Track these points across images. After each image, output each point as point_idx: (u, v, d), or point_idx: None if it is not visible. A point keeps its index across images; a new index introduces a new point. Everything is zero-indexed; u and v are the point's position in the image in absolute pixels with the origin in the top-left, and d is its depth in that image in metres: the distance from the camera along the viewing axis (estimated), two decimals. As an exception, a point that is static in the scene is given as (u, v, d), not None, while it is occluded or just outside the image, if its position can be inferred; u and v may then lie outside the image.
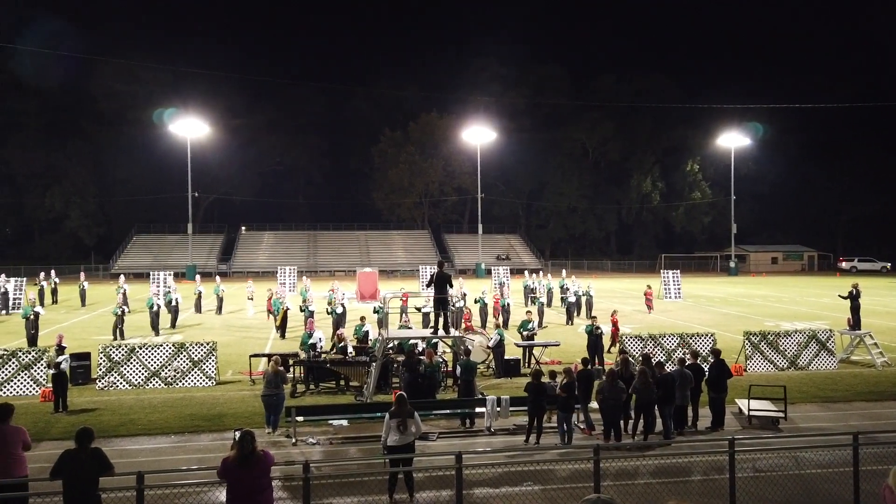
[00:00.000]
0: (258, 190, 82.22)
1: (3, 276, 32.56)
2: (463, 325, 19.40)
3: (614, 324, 21.05)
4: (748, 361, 17.90)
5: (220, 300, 30.60)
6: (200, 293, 30.98)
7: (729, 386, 13.26)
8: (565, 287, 30.14)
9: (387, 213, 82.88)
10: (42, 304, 31.25)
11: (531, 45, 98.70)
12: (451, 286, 15.23)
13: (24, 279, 34.28)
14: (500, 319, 24.70)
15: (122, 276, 32.04)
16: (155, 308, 24.53)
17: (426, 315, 22.41)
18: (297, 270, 46.02)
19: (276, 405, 12.46)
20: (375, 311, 21.54)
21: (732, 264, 67.23)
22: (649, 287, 32.63)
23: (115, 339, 21.92)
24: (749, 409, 13.17)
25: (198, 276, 34.91)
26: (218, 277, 37.23)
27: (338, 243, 75.83)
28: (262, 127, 79.22)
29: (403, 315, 21.84)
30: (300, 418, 12.34)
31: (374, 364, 15.07)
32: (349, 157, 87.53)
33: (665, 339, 17.73)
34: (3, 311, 30.78)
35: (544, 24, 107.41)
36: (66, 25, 78.89)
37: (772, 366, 17.94)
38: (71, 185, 71.79)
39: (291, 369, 16.07)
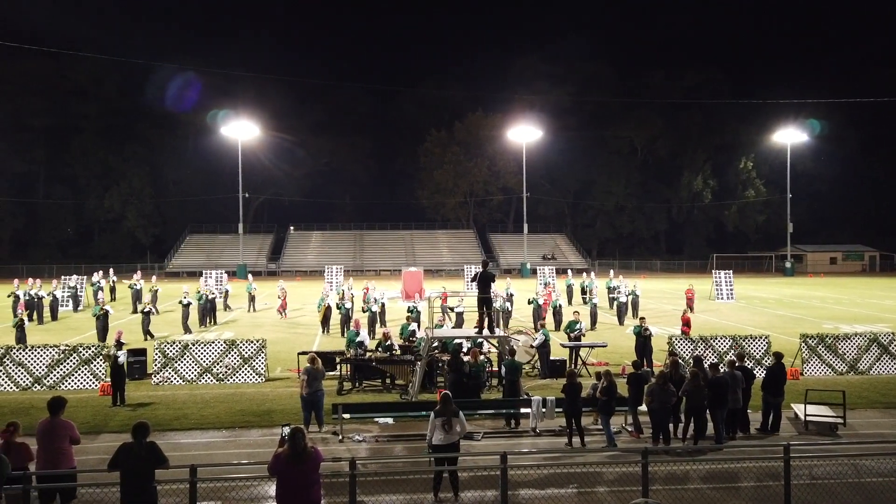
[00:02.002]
0: (306, 190, 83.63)
1: (74, 277, 33.77)
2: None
3: (686, 322, 20.65)
4: (804, 365, 17.30)
5: (252, 298, 31.28)
6: (227, 292, 31.89)
7: (784, 390, 12.84)
8: (614, 287, 29.69)
9: (432, 212, 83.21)
10: (96, 302, 32.51)
11: (577, 42, 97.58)
12: (494, 281, 15.16)
13: (85, 278, 35.67)
14: (547, 320, 24.44)
15: (153, 277, 32.88)
16: (198, 302, 25.31)
17: (459, 315, 22.44)
18: (344, 270, 46.61)
19: (317, 402, 12.61)
20: (409, 311, 21.67)
21: (788, 264, 65.10)
22: (691, 287, 31.86)
23: (146, 338, 22.10)
24: (805, 415, 12.73)
25: (224, 276, 35.86)
26: (250, 276, 38.05)
27: (384, 243, 76.49)
28: (310, 128, 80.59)
29: (443, 315, 21.81)
30: (347, 415, 12.48)
31: (419, 363, 15.14)
32: (395, 157, 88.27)
33: (717, 341, 17.29)
34: (73, 309, 31.91)
35: (590, 20, 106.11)
36: (123, 32, 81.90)
37: (830, 370, 17.29)
38: (128, 186, 74.41)
39: (338, 367, 16.30)
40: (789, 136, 65.02)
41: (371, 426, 12.97)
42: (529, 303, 25.82)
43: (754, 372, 13.72)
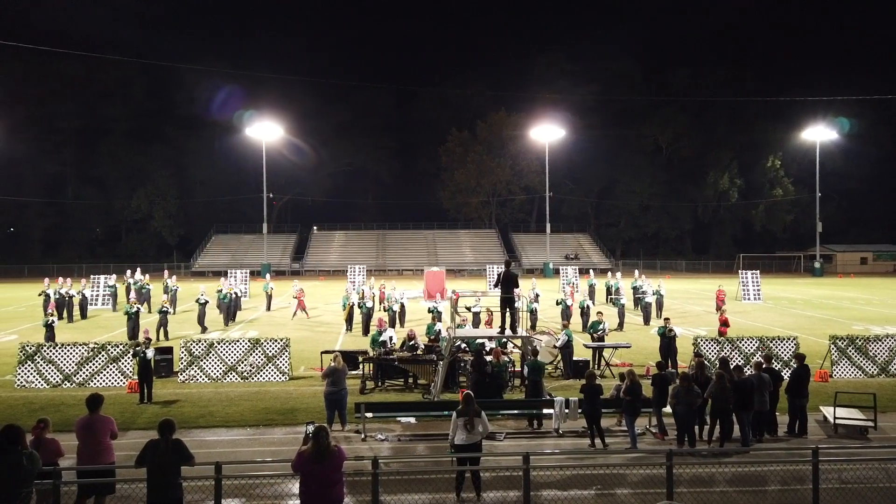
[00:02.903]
0: (329, 191, 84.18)
1: (113, 276, 33.93)
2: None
3: (724, 323, 20.41)
4: (834, 367, 16.97)
5: (269, 297, 31.54)
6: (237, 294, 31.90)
7: (813, 392, 12.63)
8: (638, 287, 29.39)
9: (454, 212, 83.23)
10: (127, 301, 33.03)
11: (601, 41, 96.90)
12: (518, 286, 15.10)
13: (112, 276, 36.28)
14: (575, 320, 24.29)
15: (173, 277, 33.17)
16: (223, 301, 25.59)
17: (476, 314, 22.39)
18: (367, 269, 46.82)
19: (340, 401, 12.68)
20: (430, 311, 21.69)
21: (817, 265, 63.94)
22: (721, 287, 31.41)
23: (158, 339, 22.04)
24: (835, 417, 12.49)
25: (247, 275, 36.09)
26: (267, 276, 38.35)
27: (406, 243, 76.69)
28: (333, 129, 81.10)
29: (456, 315, 21.82)
30: (369, 414, 12.54)
31: (441, 362, 15.14)
32: (417, 157, 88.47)
33: (743, 342, 17.04)
34: (112, 308, 32.32)
35: (614, 18, 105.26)
36: (150, 35, 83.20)
37: (860, 372, 16.94)
38: (155, 187, 75.58)
39: (361, 366, 16.38)
40: (818, 134, 63.82)
41: (394, 425, 13.00)
42: (558, 304, 25.66)
43: (782, 374, 13.50)
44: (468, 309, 22.22)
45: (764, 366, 12.57)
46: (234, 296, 27.37)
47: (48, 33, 75.04)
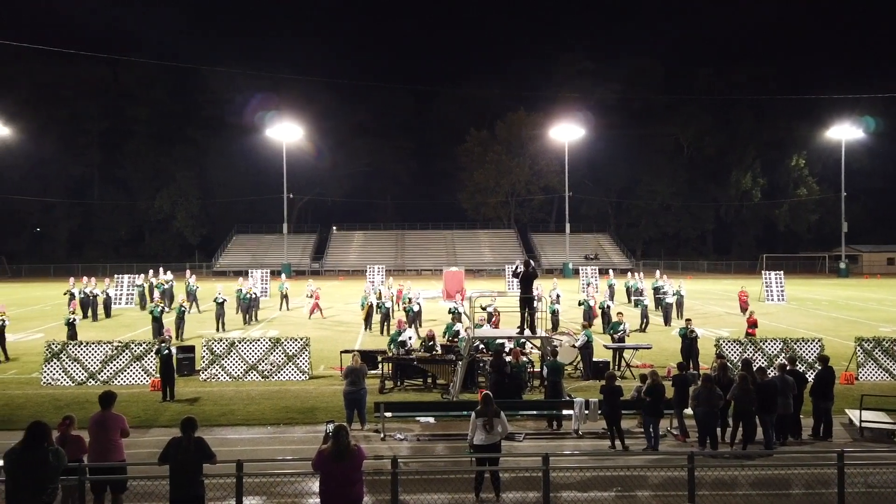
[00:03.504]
0: (349, 191, 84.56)
1: (141, 275, 34.14)
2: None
3: (752, 324, 20.17)
4: (860, 369, 16.67)
5: (285, 297, 31.72)
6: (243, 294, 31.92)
7: (838, 395, 12.43)
8: (659, 287, 29.11)
9: (472, 212, 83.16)
10: (151, 300, 33.45)
11: (621, 39, 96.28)
12: (538, 277, 15.04)
13: (136, 275, 36.76)
14: (597, 321, 24.13)
15: (194, 276, 33.43)
16: (242, 300, 25.80)
17: (490, 314, 22.32)
18: (386, 269, 46.95)
19: (359, 400, 12.72)
20: (451, 312, 21.64)
21: (842, 265, 62.87)
22: (744, 289, 31.00)
23: (178, 338, 22.09)
24: (861, 421, 12.28)
25: (268, 275, 36.28)
26: (283, 276, 38.58)
27: (425, 243, 76.79)
28: (352, 129, 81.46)
29: (462, 315, 21.90)
30: (388, 414, 12.57)
31: (460, 362, 15.14)
32: (436, 157, 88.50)
33: (767, 343, 16.81)
34: (141, 308, 32.64)
35: (635, 16, 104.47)
36: (172, 38, 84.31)
37: (887, 375, 16.62)
38: (177, 188, 76.50)
39: (380, 366, 16.43)
40: (844, 133, 62.74)
41: (413, 425, 13.03)
42: (580, 304, 25.50)
43: (806, 376, 13.31)
44: (483, 308, 22.15)
45: (788, 368, 12.40)
46: (253, 296, 27.57)
47: (74, 36, 76.35)
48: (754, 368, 12.27)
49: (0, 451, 7.19)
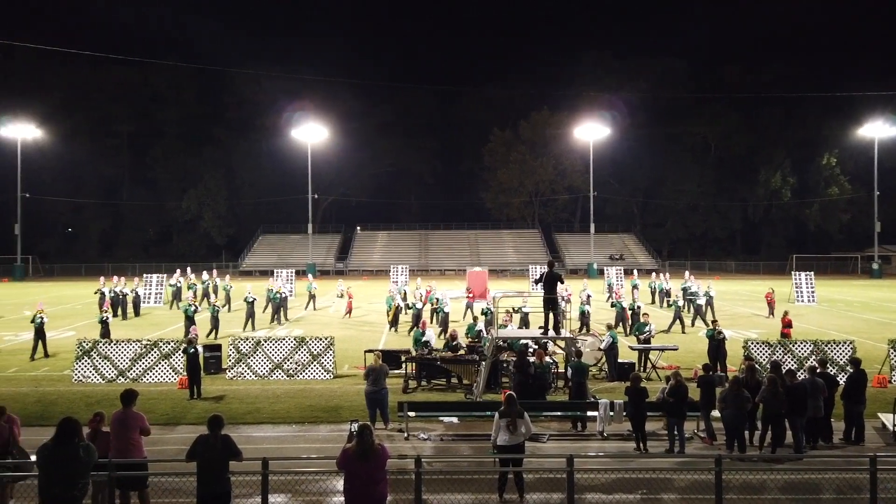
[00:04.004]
0: (373, 191, 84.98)
1: (176, 273, 34.48)
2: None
3: (787, 324, 19.85)
4: (893, 372, 16.28)
5: (313, 297, 31.94)
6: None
7: (870, 398, 12.17)
8: (688, 288, 28.76)
9: (496, 212, 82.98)
10: (180, 300, 33.93)
11: (647, 36, 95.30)
12: (562, 282, 14.96)
13: (160, 275, 37.33)
14: (620, 322, 23.91)
15: (226, 276, 33.70)
16: (272, 300, 25.96)
17: (525, 316, 22.23)
18: (409, 269, 47.08)
19: (381, 400, 12.73)
20: (483, 313, 21.61)
21: (875, 266, 61.46)
22: (772, 290, 30.48)
23: (213, 336, 22.39)
24: (894, 425, 12.00)
25: (293, 275, 36.51)
26: (310, 276, 38.85)
27: (448, 243, 76.83)
28: (376, 130, 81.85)
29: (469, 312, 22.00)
30: (412, 413, 12.60)
31: (483, 363, 15.12)
32: (460, 157, 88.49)
33: (796, 345, 16.51)
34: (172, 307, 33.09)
35: (661, 13, 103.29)
36: (200, 40, 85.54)
37: (922, 378, 16.22)
38: (205, 188, 77.57)
39: (403, 365, 16.47)
40: (876, 130, 61.35)
41: (436, 425, 13.04)
42: (613, 306, 25.26)
43: (837, 379, 13.04)
44: (515, 311, 22.03)
45: (818, 370, 12.17)
46: (282, 295, 27.77)
47: (105, 40, 77.88)
48: (784, 371, 12.07)
49: (34, 446, 7.35)
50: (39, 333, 19.84)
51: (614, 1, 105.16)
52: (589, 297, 26.78)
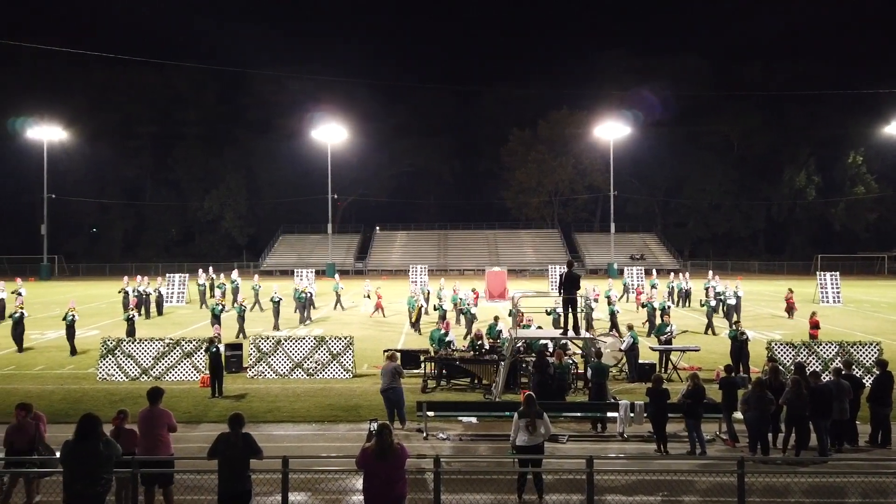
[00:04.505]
0: (392, 191, 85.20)
1: (203, 274, 34.75)
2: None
3: (815, 325, 19.57)
4: (922, 375, 15.94)
5: (339, 297, 32.04)
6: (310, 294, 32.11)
7: (892, 400, 11.91)
8: (713, 287, 28.45)
9: (515, 212, 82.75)
10: (204, 300, 34.33)
11: (667, 34, 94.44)
12: (579, 287, 14.87)
13: (183, 274, 37.79)
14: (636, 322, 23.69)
15: (255, 276, 33.93)
16: (297, 300, 26.12)
17: (557, 318, 22.10)
18: (428, 269, 47.10)
19: (396, 399, 12.68)
20: (511, 315, 21.46)
21: (902, 266, 60.30)
22: (791, 291, 30.02)
23: (241, 336, 22.55)
24: (923, 429, 11.75)
25: (313, 274, 36.65)
26: (337, 276, 39.00)
27: (467, 243, 76.75)
28: (395, 130, 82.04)
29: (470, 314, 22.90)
30: (431, 413, 12.60)
31: (502, 363, 15.08)
32: (479, 157, 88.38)
33: (821, 347, 16.24)
34: (200, 306, 33.41)
35: (681, 11, 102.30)
36: (220, 42, 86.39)
37: (951, 381, 15.85)
38: (226, 189, 78.31)
39: (423, 365, 16.49)
40: (904, 127, 60.20)
41: (455, 425, 13.03)
42: (643, 306, 25.05)
43: (863, 381, 12.82)
44: (548, 313, 21.86)
45: (843, 372, 11.97)
46: (308, 295, 27.88)
47: (127, 43, 79.09)
48: (808, 372, 11.90)
49: (59, 443, 7.47)
50: (70, 330, 20.40)
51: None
52: (617, 296, 26.63)
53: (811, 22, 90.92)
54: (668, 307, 24.01)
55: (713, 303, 25.58)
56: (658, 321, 23.33)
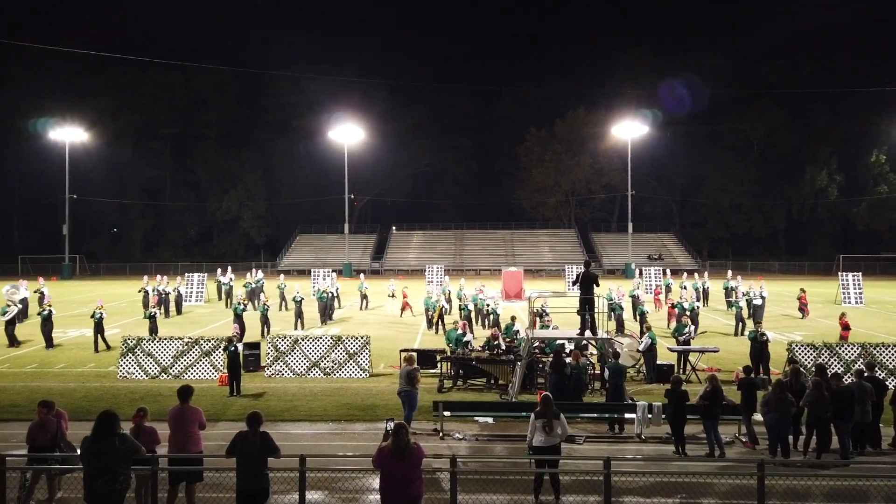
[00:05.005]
0: (408, 191, 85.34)
1: (228, 274, 35.11)
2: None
3: (845, 327, 19.31)
4: (947, 377, 15.66)
5: (364, 297, 32.07)
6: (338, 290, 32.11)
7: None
8: (734, 288, 28.14)
9: (532, 212, 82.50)
10: (220, 298, 34.63)
11: (686, 32, 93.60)
12: (598, 286, 14.78)
13: (204, 273, 38.18)
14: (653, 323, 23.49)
15: (280, 276, 34.15)
16: (319, 300, 26.29)
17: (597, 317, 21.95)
18: (445, 269, 47.09)
19: (404, 401, 12.61)
20: (541, 315, 21.36)
21: (927, 266, 59.20)
22: (803, 291, 29.62)
23: (266, 335, 22.76)
24: (948, 432, 11.54)
25: (334, 274, 36.81)
26: (362, 275, 39.09)
27: (483, 242, 76.69)
28: (412, 130, 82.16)
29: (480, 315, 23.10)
30: (447, 413, 12.60)
31: (519, 363, 15.04)
32: (495, 157, 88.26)
33: (843, 348, 16.01)
34: (225, 306, 33.68)
35: (700, 8, 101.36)
36: (238, 44, 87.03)
37: (978, 383, 15.55)
38: (244, 189, 78.98)
39: (439, 365, 16.49)
40: (929, 126, 59.09)
41: (471, 425, 13.02)
42: (674, 307, 24.86)
43: (887, 383, 12.61)
44: (611, 310, 21.73)
45: (866, 374, 11.79)
46: (329, 295, 27.97)
47: (149, 46, 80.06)
48: (829, 374, 11.73)
49: (80, 440, 7.58)
50: (98, 328, 20.88)
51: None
52: (643, 297, 26.49)
53: (834, 19, 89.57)
54: (697, 307, 23.76)
55: (742, 304, 25.27)
56: (684, 322, 23.15)
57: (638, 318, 23.64)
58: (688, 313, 23.15)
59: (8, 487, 8.40)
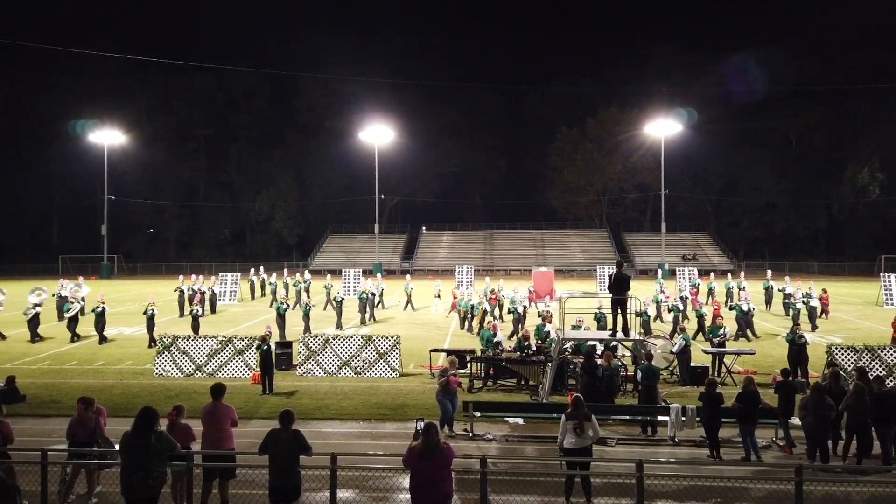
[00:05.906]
0: (438, 191, 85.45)
1: (273, 274, 35.09)
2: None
3: None
4: None
5: (409, 297, 32.12)
6: (383, 290, 32.33)
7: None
8: (772, 288, 27.60)
9: (562, 211, 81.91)
10: (253, 297, 35.13)
11: (720, 28, 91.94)
12: (629, 287, 14.60)
13: (235, 273, 38.73)
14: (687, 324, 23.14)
15: (328, 276, 34.30)
16: (360, 300, 26.68)
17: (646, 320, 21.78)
18: (475, 269, 47.02)
19: (440, 406, 12.52)
20: (596, 319, 21.16)
21: (974, 267, 57.23)
22: (825, 291, 28.83)
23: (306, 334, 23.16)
24: None
25: (378, 275, 37.01)
26: (408, 276, 39.24)
27: (514, 242, 76.38)
28: (442, 130, 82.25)
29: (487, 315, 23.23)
30: (477, 413, 12.57)
31: (549, 364, 14.94)
32: (526, 156, 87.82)
33: (885, 351, 15.55)
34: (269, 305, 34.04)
35: (733, 4, 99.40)
36: (270, 47, 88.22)
37: None
38: (277, 190, 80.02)
39: (469, 365, 16.47)
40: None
41: (501, 425, 12.97)
42: (731, 309, 24.48)
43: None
44: (597, 318, 21.55)
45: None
46: (369, 296, 28.13)
47: (184, 49, 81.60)
48: (871, 377, 11.40)
49: (118, 436, 7.75)
50: (150, 322, 21.89)
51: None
52: (688, 298, 26.18)
53: (874, 13, 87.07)
54: (753, 310, 23.30)
55: (799, 305, 24.69)
56: (750, 325, 22.76)
57: (672, 319, 23.30)
58: (750, 313, 22.84)
59: (49, 481, 8.63)
